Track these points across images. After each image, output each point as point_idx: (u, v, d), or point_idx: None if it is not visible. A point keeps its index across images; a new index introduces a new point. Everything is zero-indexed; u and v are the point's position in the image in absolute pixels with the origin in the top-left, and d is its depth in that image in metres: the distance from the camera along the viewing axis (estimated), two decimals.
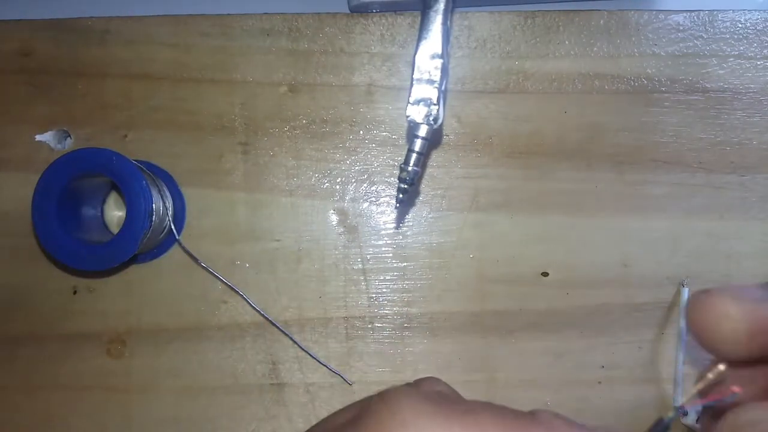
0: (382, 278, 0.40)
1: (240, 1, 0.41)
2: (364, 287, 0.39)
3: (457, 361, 0.39)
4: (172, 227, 0.37)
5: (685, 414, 0.38)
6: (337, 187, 0.40)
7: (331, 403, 0.39)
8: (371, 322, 0.39)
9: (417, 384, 0.24)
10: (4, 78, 0.40)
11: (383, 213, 0.40)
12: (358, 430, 0.16)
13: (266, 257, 0.39)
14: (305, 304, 0.39)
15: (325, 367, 0.39)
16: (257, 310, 0.39)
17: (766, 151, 0.41)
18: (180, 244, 0.39)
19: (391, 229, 0.40)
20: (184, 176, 0.40)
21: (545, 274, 0.40)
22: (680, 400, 0.38)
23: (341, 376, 0.39)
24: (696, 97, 0.41)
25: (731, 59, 0.41)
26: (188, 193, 0.39)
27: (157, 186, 0.37)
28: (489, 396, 0.39)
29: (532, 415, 0.18)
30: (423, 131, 0.32)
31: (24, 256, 0.39)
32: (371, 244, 0.40)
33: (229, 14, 0.40)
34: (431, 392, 0.18)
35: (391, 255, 0.40)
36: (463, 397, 0.22)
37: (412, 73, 0.32)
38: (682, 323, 0.39)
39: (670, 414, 0.20)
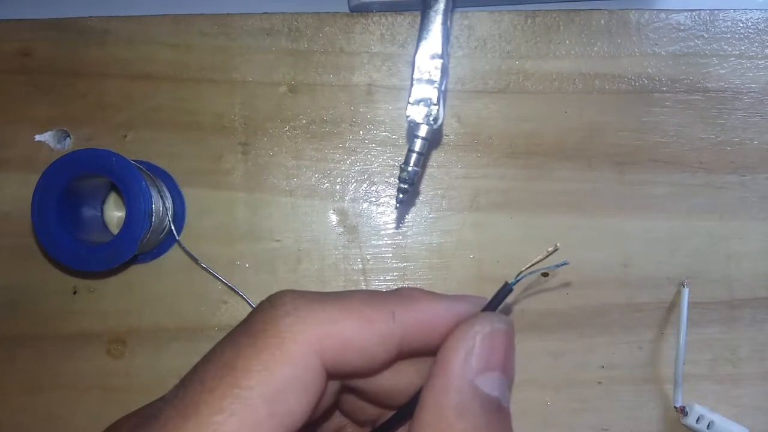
0: (382, 278, 0.40)
1: (240, 1, 0.41)
2: (364, 287, 0.39)
3: None
4: (172, 227, 0.37)
5: (686, 414, 0.38)
6: (337, 187, 0.40)
7: None
8: None
9: None
10: (4, 78, 0.40)
11: (383, 213, 0.40)
12: (248, 327, 0.19)
13: (266, 257, 0.39)
14: None
15: None
16: None
17: (766, 151, 0.41)
18: (180, 244, 0.39)
19: (391, 229, 0.40)
20: (184, 176, 0.39)
21: (545, 274, 0.40)
22: (680, 401, 0.38)
23: None
24: (697, 97, 0.41)
25: (732, 59, 0.41)
26: (188, 193, 0.39)
27: (157, 186, 0.37)
28: None
29: (396, 292, 0.21)
30: (423, 131, 0.32)
31: (24, 256, 0.39)
32: (371, 244, 0.40)
33: (229, 14, 0.40)
34: (313, 291, 0.21)
35: (391, 255, 0.40)
36: None
37: (412, 73, 0.32)
38: (683, 323, 0.39)
39: (513, 280, 0.22)
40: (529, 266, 0.23)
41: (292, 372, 0.17)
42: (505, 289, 0.22)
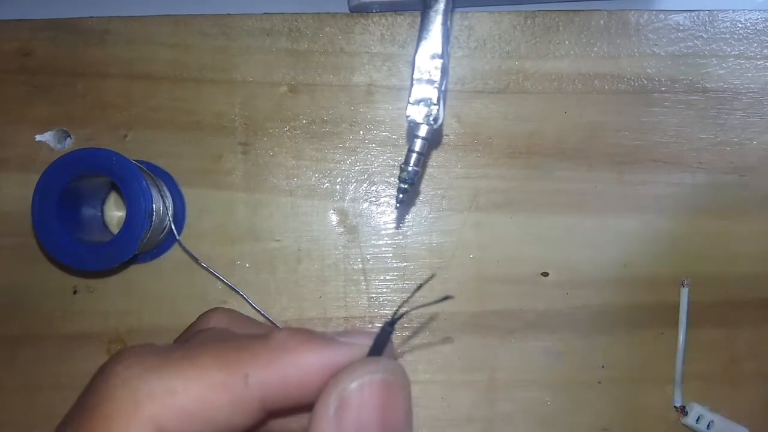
0: (382, 278, 0.40)
1: (240, 1, 0.41)
2: (364, 287, 0.39)
3: (457, 361, 0.39)
4: (172, 227, 0.37)
5: (686, 414, 0.38)
6: (337, 187, 0.40)
7: None
8: (371, 322, 0.39)
9: (196, 322, 0.25)
10: (4, 78, 0.40)
11: (383, 213, 0.40)
12: (77, 410, 0.17)
13: (266, 257, 0.39)
14: (305, 304, 0.39)
15: None
16: (257, 310, 0.39)
17: (766, 151, 0.41)
18: (180, 244, 0.39)
19: (391, 229, 0.40)
20: (184, 176, 0.40)
21: (545, 274, 0.40)
22: (680, 401, 0.38)
23: None
24: (696, 97, 0.41)
25: (731, 59, 0.41)
26: (188, 193, 0.39)
27: (157, 186, 0.37)
28: (489, 396, 0.39)
29: (264, 341, 0.18)
30: (423, 131, 0.32)
31: (24, 256, 0.39)
32: (371, 244, 0.40)
33: (229, 14, 0.40)
34: (163, 345, 0.19)
35: (391, 255, 0.40)
36: (242, 329, 0.23)
37: (412, 73, 0.32)
38: (682, 323, 0.39)
39: (391, 319, 0.20)
40: (406, 301, 0.21)
41: None
42: (385, 332, 0.19)
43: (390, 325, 0.19)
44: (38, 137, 0.39)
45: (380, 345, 0.19)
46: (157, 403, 0.16)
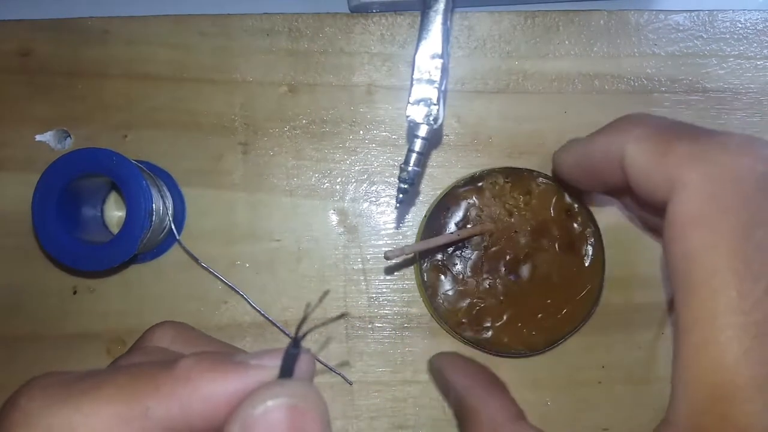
0: (382, 278, 0.40)
1: (240, 1, 0.41)
2: (364, 287, 0.39)
3: None
4: (172, 227, 0.37)
5: None
6: (337, 187, 0.40)
7: (331, 403, 0.39)
8: (371, 322, 0.39)
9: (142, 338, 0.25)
10: (4, 78, 0.40)
11: (383, 213, 0.40)
12: None
13: (266, 257, 0.39)
14: (305, 304, 0.39)
15: (325, 367, 0.39)
16: (257, 310, 0.39)
17: None
18: (180, 244, 0.39)
19: (391, 229, 0.40)
20: (184, 176, 0.40)
21: None
22: None
23: (342, 376, 0.39)
24: (696, 97, 0.41)
25: (731, 59, 0.41)
26: (188, 193, 0.40)
27: (157, 186, 0.37)
28: None
29: (168, 370, 0.18)
30: (423, 131, 0.32)
31: (24, 256, 0.39)
32: (371, 244, 0.40)
33: (229, 14, 0.40)
34: (73, 374, 0.18)
35: None
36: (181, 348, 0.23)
37: (412, 73, 0.32)
38: None
39: (294, 338, 0.19)
40: (305, 319, 0.19)
41: None
42: (291, 353, 0.18)
43: (294, 346, 0.18)
44: (38, 137, 0.39)
45: (289, 366, 0.18)
46: None
